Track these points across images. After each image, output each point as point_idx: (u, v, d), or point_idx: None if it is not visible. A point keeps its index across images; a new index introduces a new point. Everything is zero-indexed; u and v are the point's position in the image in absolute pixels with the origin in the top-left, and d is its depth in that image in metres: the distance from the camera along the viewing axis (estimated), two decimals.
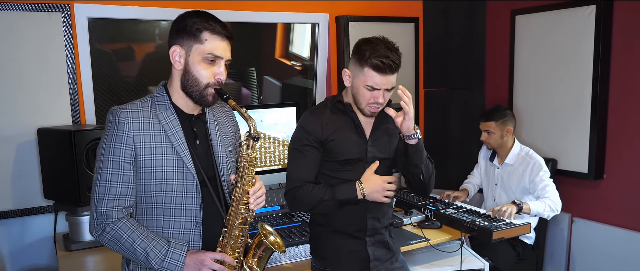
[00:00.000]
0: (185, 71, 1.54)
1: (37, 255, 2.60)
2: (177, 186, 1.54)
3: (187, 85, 1.54)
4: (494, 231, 2.40)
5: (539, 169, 2.88)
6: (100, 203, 1.50)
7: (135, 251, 1.50)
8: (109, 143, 1.50)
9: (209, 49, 1.51)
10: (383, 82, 1.78)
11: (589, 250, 3.21)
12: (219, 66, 1.54)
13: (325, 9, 3.25)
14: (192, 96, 1.55)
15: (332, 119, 1.90)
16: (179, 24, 1.53)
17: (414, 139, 1.85)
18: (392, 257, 2.04)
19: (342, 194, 1.86)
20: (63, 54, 2.55)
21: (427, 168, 1.94)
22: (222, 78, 1.54)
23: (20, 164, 2.51)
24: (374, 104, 1.82)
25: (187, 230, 1.56)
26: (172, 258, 1.50)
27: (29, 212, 2.54)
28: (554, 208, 2.79)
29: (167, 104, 1.56)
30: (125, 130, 1.49)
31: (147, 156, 1.51)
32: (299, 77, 3.50)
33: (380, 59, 1.75)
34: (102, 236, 1.51)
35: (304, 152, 1.88)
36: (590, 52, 3.04)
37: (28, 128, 2.49)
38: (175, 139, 1.54)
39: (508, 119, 2.99)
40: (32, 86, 2.50)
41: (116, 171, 1.49)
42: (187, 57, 1.53)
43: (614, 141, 3.08)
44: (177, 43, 1.54)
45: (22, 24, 2.44)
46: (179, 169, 1.53)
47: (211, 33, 1.51)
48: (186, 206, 1.55)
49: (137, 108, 1.54)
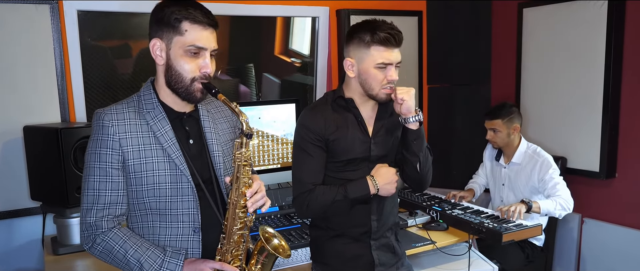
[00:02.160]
0: (167, 66, 1.42)
1: (25, 258, 2.50)
2: (171, 190, 1.44)
3: (171, 81, 1.43)
4: (504, 233, 2.29)
5: (548, 167, 2.77)
6: (89, 213, 1.42)
7: (128, 263, 1.41)
8: (94, 149, 1.41)
9: (190, 40, 1.39)
10: (393, 56, 1.72)
11: (600, 252, 3.11)
12: (203, 57, 1.41)
13: (326, 2, 3.17)
14: (179, 93, 1.44)
15: (333, 116, 1.80)
16: (157, 15, 1.41)
17: (414, 122, 1.77)
18: (398, 262, 1.94)
19: (355, 192, 1.76)
20: (51, 48, 2.45)
21: (426, 158, 1.85)
22: (208, 71, 1.42)
23: (6, 164, 2.41)
24: (388, 84, 1.74)
25: (185, 236, 1.47)
26: (168, 268, 1.41)
27: (16, 214, 2.45)
28: (565, 206, 2.68)
29: (155, 103, 1.46)
30: (110, 134, 1.39)
31: (135, 161, 1.41)
32: (298, 74, 3.43)
33: (386, 32, 1.69)
34: (93, 248, 1.44)
35: (310, 152, 1.78)
36: (602, 47, 2.94)
37: (15, 126, 2.38)
38: (164, 140, 1.43)
39: (515, 116, 2.88)
40: (18, 82, 2.40)
41: (104, 178, 1.41)
42: (168, 50, 1.41)
43: (626, 138, 2.98)
44: (156, 36, 1.41)
45: (7, 17, 2.34)
46: (171, 172, 1.44)
47: (191, 22, 1.38)
48: (183, 211, 1.46)
49: (123, 109, 1.44)
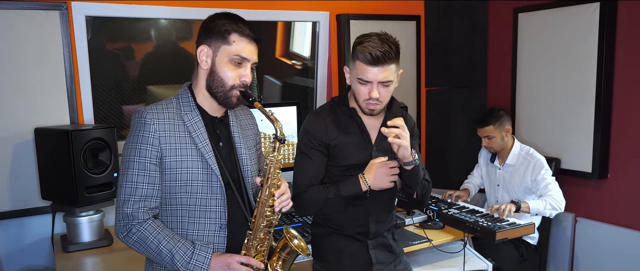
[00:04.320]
0: (211, 71, 1.53)
1: (35, 256, 2.58)
2: (201, 188, 1.53)
3: (212, 86, 1.54)
4: (498, 231, 2.37)
5: (541, 168, 2.85)
6: (126, 204, 1.49)
7: (160, 253, 1.49)
8: (135, 144, 1.49)
9: (236, 50, 1.51)
10: (373, 75, 1.71)
11: (593, 250, 3.18)
12: (245, 68, 1.53)
13: (326, 7, 3.23)
14: (217, 97, 1.55)
15: (336, 122, 1.86)
16: (208, 25, 1.53)
17: (410, 165, 1.78)
18: (396, 260, 2.00)
19: (347, 190, 1.81)
20: (61, 52, 2.52)
21: (423, 189, 1.91)
22: (247, 81, 1.54)
23: (18, 165, 2.48)
24: (369, 100, 1.76)
25: (211, 232, 1.55)
26: (197, 260, 1.49)
27: (27, 213, 2.52)
28: (556, 206, 2.76)
29: (192, 106, 1.56)
30: (151, 131, 1.48)
31: (172, 158, 1.50)
32: (299, 77, 3.48)
33: (368, 50, 1.69)
34: (128, 237, 1.50)
35: (310, 155, 1.85)
36: (594, 50, 3.00)
37: (25, 128, 2.46)
38: (199, 141, 1.53)
39: (504, 119, 2.96)
40: (29, 86, 2.48)
41: (142, 172, 1.49)
42: (214, 57, 1.52)
43: (618, 140, 3.05)
44: (205, 43, 1.53)
45: (18, 22, 2.42)
46: (203, 170, 1.53)
47: (239, 35, 1.51)
48: (211, 208, 1.54)
49: (163, 109, 1.53)
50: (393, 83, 1.78)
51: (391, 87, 1.78)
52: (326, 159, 1.86)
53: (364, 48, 1.71)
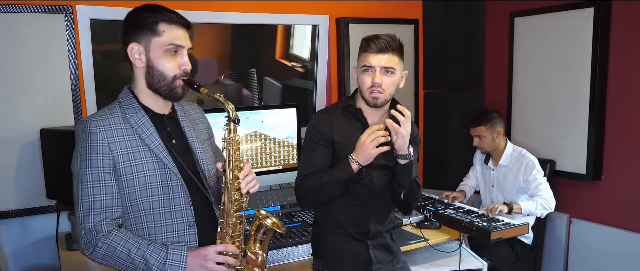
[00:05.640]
0: (148, 68, 1.47)
1: (40, 254, 2.62)
2: (162, 189, 1.48)
3: (153, 82, 1.48)
4: (492, 231, 2.42)
5: (532, 168, 2.91)
6: (87, 219, 1.41)
7: (133, 261, 1.42)
8: (84, 156, 1.42)
9: (169, 39, 1.45)
10: (376, 60, 1.79)
11: (587, 251, 3.23)
12: (182, 56, 1.48)
13: (326, 10, 3.26)
14: (161, 92, 1.49)
15: (342, 121, 1.91)
16: (132, 20, 1.47)
17: (404, 159, 1.81)
18: (394, 259, 2.05)
19: (338, 171, 1.81)
20: (65, 55, 2.57)
21: (411, 191, 1.91)
22: (188, 68, 1.49)
23: (23, 165, 2.52)
24: (372, 87, 1.80)
25: (180, 231, 1.51)
26: (172, 260, 1.44)
27: (31, 212, 2.56)
28: (546, 206, 2.81)
29: (137, 107, 1.50)
30: (98, 139, 1.41)
31: (125, 163, 1.44)
32: (299, 79, 3.51)
33: (372, 41, 1.80)
34: (95, 252, 1.42)
35: (314, 149, 1.89)
36: (588, 54, 3.05)
37: (31, 129, 2.50)
38: (151, 142, 1.48)
39: (496, 121, 3.02)
40: (34, 87, 2.52)
41: (98, 183, 1.41)
42: (147, 52, 1.46)
43: (612, 142, 3.10)
44: (133, 40, 1.47)
45: (24, 25, 2.46)
46: (160, 171, 1.48)
47: (168, 23, 1.46)
48: (175, 208, 1.50)
49: (107, 115, 1.47)
50: (396, 75, 1.83)
51: (394, 78, 1.83)
52: (331, 154, 1.89)
53: (369, 39, 1.82)
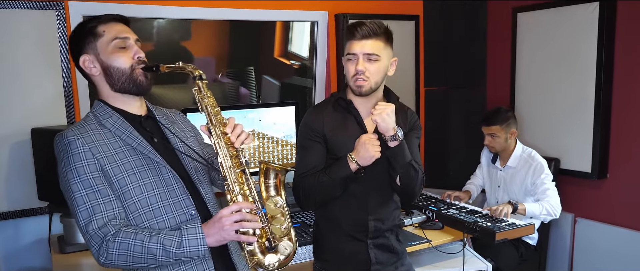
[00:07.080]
0: (104, 70, 1.47)
1: (32, 257, 2.57)
2: (155, 184, 1.45)
3: (115, 81, 1.47)
4: (497, 232, 2.36)
5: (541, 172, 2.85)
6: (90, 226, 1.36)
7: (149, 250, 1.36)
8: (69, 166, 1.37)
9: (112, 35, 1.46)
10: (358, 47, 1.76)
11: (592, 251, 3.18)
12: (131, 47, 1.49)
13: (325, 7, 3.22)
14: (126, 88, 1.48)
15: (334, 115, 1.88)
16: (74, 38, 1.50)
17: (394, 141, 1.75)
18: (397, 261, 1.98)
19: (336, 170, 1.79)
20: (57, 52, 2.51)
21: (407, 174, 1.82)
22: (141, 55, 1.49)
23: (14, 165, 2.47)
24: (356, 75, 1.77)
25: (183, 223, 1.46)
26: (189, 235, 1.38)
27: (23, 213, 2.50)
28: (551, 212, 2.75)
29: (110, 112, 1.48)
30: (79, 146, 1.38)
31: (112, 164, 1.40)
32: (297, 77, 3.48)
33: (355, 26, 1.77)
34: (109, 255, 1.35)
35: (309, 147, 1.86)
36: (594, 50, 3.01)
37: (22, 128, 2.44)
38: (132, 140, 1.46)
39: (511, 121, 2.95)
40: (26, 85, 2.46)
41: (90, 189, 1.37)
42: (98, 57, 1.47)
43: (617, 139, 3.05)
44: (82, 53, 1.48)
45: (15, 21, 2.40)
46: (149, 166, 1.45)
47: (105, 23, 1.48)
48: (173, 201, 1.46)
49: (82, 124, 1.45)
50: (381, 62, 1.78)
51: (380, 65, 1.78)
52: (325, 150, 1.86)
53: (352, 25, 1.79)
